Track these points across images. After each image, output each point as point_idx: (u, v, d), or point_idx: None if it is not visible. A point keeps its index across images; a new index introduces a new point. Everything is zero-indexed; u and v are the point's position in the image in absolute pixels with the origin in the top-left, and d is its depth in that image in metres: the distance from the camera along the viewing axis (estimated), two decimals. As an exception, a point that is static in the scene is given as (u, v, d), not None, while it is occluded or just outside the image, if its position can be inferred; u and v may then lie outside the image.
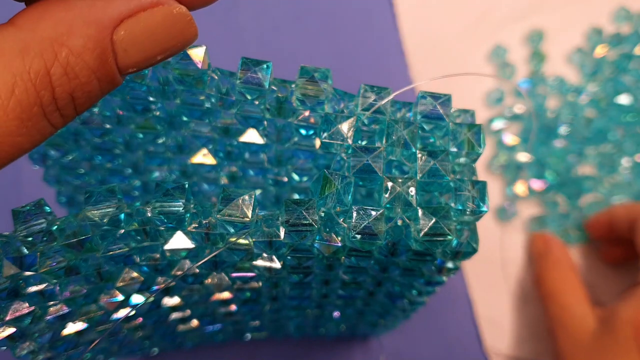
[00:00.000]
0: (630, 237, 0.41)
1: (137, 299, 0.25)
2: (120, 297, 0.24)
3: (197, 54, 0.21)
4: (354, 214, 0.20)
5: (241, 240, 0.21)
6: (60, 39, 0.14)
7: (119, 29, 0.15)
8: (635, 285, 0.37)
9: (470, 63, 0.52)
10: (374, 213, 0.20)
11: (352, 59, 0.51)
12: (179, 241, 0.21)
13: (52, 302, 0.22)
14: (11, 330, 0.22)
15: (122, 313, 0.26)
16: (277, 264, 0.23)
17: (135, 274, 0.24)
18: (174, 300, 0.28)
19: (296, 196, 0.31)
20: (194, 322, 0.32)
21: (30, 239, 0.19)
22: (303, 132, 0.24)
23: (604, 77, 0.51)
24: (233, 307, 0.30)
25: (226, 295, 0.28)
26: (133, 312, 0.26)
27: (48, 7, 0.15)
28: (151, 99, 0.24)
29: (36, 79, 0.14)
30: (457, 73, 0.50)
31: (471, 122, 0.23)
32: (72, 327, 0.25)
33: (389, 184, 0.21)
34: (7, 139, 0.14)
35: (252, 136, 0.26)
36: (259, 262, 0.23)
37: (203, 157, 0.29)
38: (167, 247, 0.21)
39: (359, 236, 0.20)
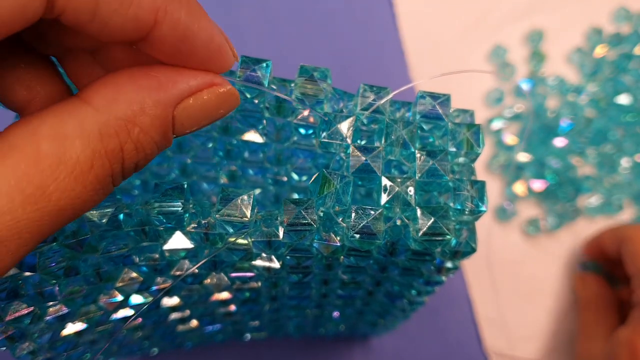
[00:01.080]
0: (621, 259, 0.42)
1: (136, 299, 0.25)
2: (120, 298, 0.24)
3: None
4: (353, 214, 0.20)
5: (240, 240, 0.21)
6: (134, 119, 0.16)
7: (179, 107, 0.17)
8: (632, 308, 0.38)
9: (470, 63, 0.52)
10: (372, 212, 0.20)
11: (352, 60, 0.51)
12: (178, 241, 0.21)
13: (51, 303, 0.22)
14: (10, 330, 0.22)
15: (122, 314, 0.26)
16: (276, 264, 0.23)
17: (134, 274, 0.24)
18: (174, 301, 0.28)
19: (295, 196, 0.31)
20: (194, 322, 0.32)
21: (29, 239, 0.19)
22: (302, 131, 0.24)
23: (604, 77, 0.51)
24: (232, 307, 0.30)
25: (225, 295, 0.28)
26: (133, 314, 0.26)
27: (120, 87, 0.16)
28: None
29: (112, 155, 0.16)
30: (457, 70, 0.50)
31: (470, 122, 0.23)
32: (72, 328, 0.25)
33: (388, 184, 0.21)
34: (84, 205, 0.16)
35: (251, 135, 0.26)
36: (258, 262, 0.23)
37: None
38: (166, 247, 0.22)
39: (357, 235, 0.20)
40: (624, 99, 0.49)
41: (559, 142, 0.49)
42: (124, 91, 0.16)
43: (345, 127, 0.21)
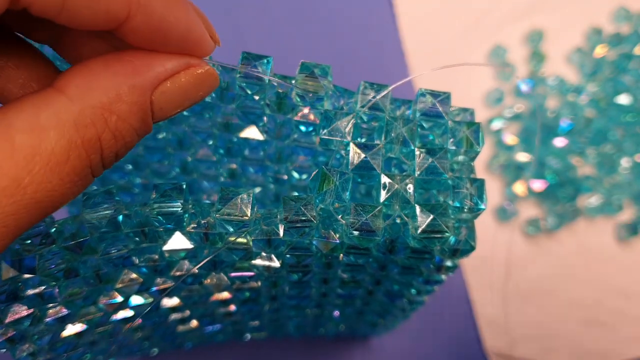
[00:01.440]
0: None
1: (136, 300, 0.25)
2: (120, 299, 0.24)
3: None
4: (352, 211, 0.20)
5: (240, 240, 0.21)
6: (110, 107, 0.16)
7: (157, 91, 0.17)
8: None
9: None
10: (371, 210, 0.20)
11: (352, 60, 0.51)
12: (178, 242, 0.21)
13: (51, 304, 0.22)
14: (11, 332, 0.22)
15: (122, 314, 0.26)
16: (276, 263, 0.23)
17: (134, 275, 0.24)
18: (174, 301, 0.28)
19: (296, 194, 0.31)
20: (194, 323, 0.32)
21: (29, 241, 0.19)
22: (303, 128, 0.24)
23: (604, 77, 0.51)
24: (232, 307, 0.30)
25: (225, 295, 0.28)
26: (133, 315, 0.26)
27: (94, 75, 0.16)
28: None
29: (89, 146, 0.15)
30: (457, 64, 0.50)
31: (470, 120, 0.23)
32: (72, 329, 0.25)
33: (387, 181, 0.21)
34: (62, 197, 0.16)
35: (252, 132, 0.26)
36: (258, 261, 0.23)
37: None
38: (166, 247, 0.21)
39: (356, 232, 0.20)
40: (624, 99, 0.49)
41: (559, 142, 0.49)
42: (98, 78, 0.16)
43: (345, 124, 0.21)
